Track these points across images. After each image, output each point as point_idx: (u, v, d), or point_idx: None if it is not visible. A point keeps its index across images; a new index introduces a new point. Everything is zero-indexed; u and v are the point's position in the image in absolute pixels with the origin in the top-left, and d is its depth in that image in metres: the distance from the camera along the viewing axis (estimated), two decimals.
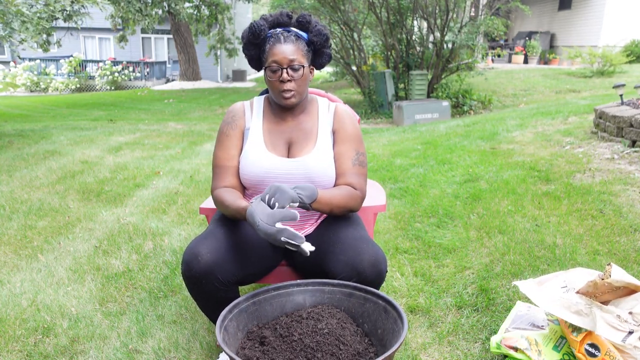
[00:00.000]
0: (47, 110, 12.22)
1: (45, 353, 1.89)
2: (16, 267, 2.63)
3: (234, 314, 1.36)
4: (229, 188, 1.65)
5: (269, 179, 1.64)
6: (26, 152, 5.30)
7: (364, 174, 1.69)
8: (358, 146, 1.71)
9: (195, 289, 1.51)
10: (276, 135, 1.69)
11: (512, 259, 2.43)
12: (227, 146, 1.69)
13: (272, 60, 1.59)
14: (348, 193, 1.61)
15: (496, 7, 10.01)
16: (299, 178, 1.64)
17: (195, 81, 19.17)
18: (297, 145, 1.69)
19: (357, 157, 1.69)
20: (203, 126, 7.77)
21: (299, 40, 1.62)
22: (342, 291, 1.45)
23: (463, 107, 9.35)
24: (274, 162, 1.64)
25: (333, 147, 1.70)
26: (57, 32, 8.65)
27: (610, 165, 3.66)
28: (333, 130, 1.71)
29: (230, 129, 1.70)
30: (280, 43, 1.59)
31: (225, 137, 1.70)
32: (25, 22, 5.97)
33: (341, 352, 1.27)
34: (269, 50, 1.60)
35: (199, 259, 1.46)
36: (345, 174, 1.66)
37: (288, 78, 1.59)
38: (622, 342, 1.44)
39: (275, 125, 1.71)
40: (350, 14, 9.91)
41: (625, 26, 13.61)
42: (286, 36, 1.61)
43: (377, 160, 4.72)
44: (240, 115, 1.72)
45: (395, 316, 1.32)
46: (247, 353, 1.27)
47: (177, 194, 3.83)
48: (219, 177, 1.68)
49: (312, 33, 1.65)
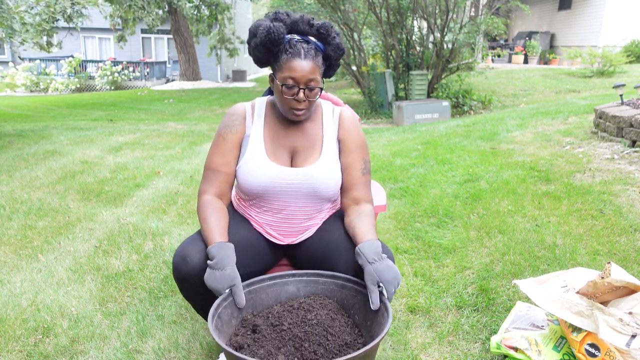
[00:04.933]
0: (47, 110, 12.22)
1: (45, 353, 1.89)
2: (16, 267, 2.63)
3: (229, 302, 1.39)
4: (216, 203, 1.57)
5: (271, 189, 1.58)
6: (26, 152, 5.30)
7: (369, 181, 1.66)
8: (365, 154, 1.66)
9: (185, 291, 1.50)
10: (278, 143, 1.62)
11: (512, 259, 2.43)
12: (223, 150, 1.61)
13: (289, 76, 1.48)
14: (372, 215, 1.58)
15: (496, 7, 10.01)
16: (304, 189, 1.59)
17: (195, 81, 19.18)
18: (301, 153, 1.62)
19: (365, 166, 1.64)
20: (203, 126, 7.77)
21: (317, 54, 1.52)
22: (336, 282, 1.48)
23: (463, 107, 9.35)
24: (276, 172, 1.58)
25: (339, 155, 1.65)
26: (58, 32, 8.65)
27: (610, 165, 3.65)
28: (339, 138, 1.65)
29: (228, 133, 1.62)
30: (300, 58, 1.48)
31: (222, 141, 1.62)
32: (25, 24, 6.00)
33: (328, 342, 1.30)
34: (285, 62, 1.48)
35: (187, 260, 1.44)
36: (355, 185, 1.62)
37: (304, 99, 1.51)
38: (627, 346, 1.43)
39: (278, 132, 1.63)
40: (350, 14, 9.91)
41: (625, 26, 13.61)
42: (306, 50, 1.49)
43: (377, 160, 4.72)
44: (241, 120, 1.63)
45: (382, 309, 1.35)
46: (239, 340, 1.31)
47: (177, 194, 3.83)
48: (209, 180, 1.61)
49: (330, 46, 1.54)
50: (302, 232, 1.69)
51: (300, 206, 1.63)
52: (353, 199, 1.62)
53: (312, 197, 1.61)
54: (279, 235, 1.68)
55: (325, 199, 1.64)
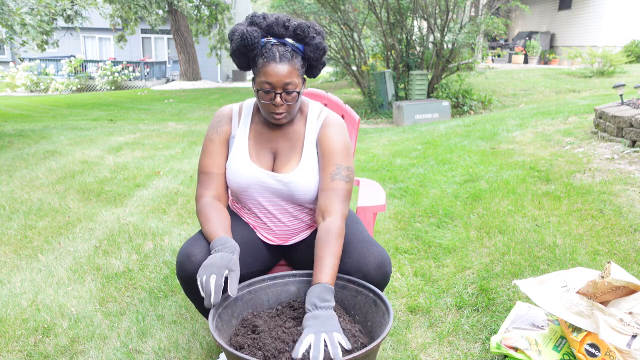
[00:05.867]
0: (47, 110, 12.22)
1: (45, 353, 1.89)
2: (16, 267, 2.63)
3: (229, 302, 1.39)
4: (215, 204, 1.56)
5: (252, 190, 1.61)
6: (26, 152, 5.30)
7: (343, 189, 1.53)
8: (340, 159, 1.57)
9: (189, 290, 1.50)
10: (262, 145, 1.63)
11: (512, 259, 2.43)
12: (212, 152, 1.63)
13: (265, 81, 1.46)
14: (337, 244, 1.43)
15: (496, 7, 10.01)
16: (282, 194, 1.61)
17: (195, 81, 19.18)
18: (282, 157, 1.62)
19: (337, 171, 1.55)
20: (203, 126, 7.77)
21: (295, 56, 1.48)
22: (336, 283, 1.48)
23: (463, 107, 9.35)
24: (257, 174, 1.59)
25: (318, 159, 1.62)
26: (57, 32, 8.66)
27: (610, 165, 3.65)
28: (317, 141, 1.62)
29: (215, 134, 1.64)
30: (275, 62, 1.45)
31: (209, 143, 1.64)
32: (26, 25, 6.00)
33: None
34: (261, 67, 1.46)
35: (192, 259, 1.44)
36: (323, 192, 1.54)
37: (281, 103, 1.49)
38: (627, 347, 1.43)
39: (262, 133, 1.64)
40: (350, 14, 9.91)
41: (625, 26, 13.61)
42: (282, 53, 1.46)
43: (377, 160, 4.72)
44: (227, 121, 1.65)
45: (383, 310, 1.35)
46: (239, 340, 1.32)
47: (177, 194, 3.83)
48: (204, 184, 1.62)
49: (309, 47, 1.51)
50: (294, 235, 1.70)
51: (282, 207, 1.65)
52: (320, 210, 1.53)
53: (290, 201, 1.63)
54: (269, 237, 1.70)
55: (305, 202, 1.64)
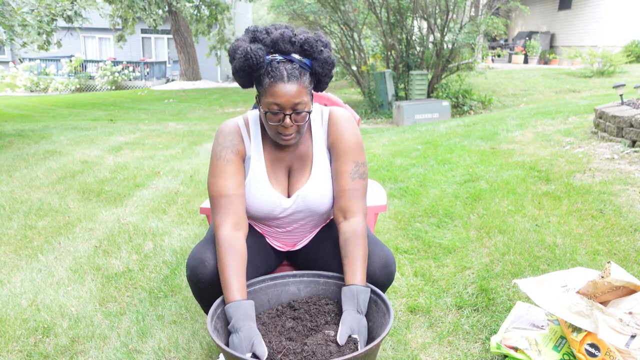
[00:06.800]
0: (47, 110, 12.22)
1: (45, 353, 1.89)
2: (16, 267, 2.63)
3: None
4: (235, 241, 1.42)
5: (272, 217, 1.57)
6: (26, 152, 5.30)
7: (363, 187, 1.52)
8: (356, 156, 1.53)
9: (200, 293, 1.49)
10: (277, 166, 1.55)
11: (512, 259, 2.43)
12: (230, 173, 1.48)
13: (273, 102, 1.37)
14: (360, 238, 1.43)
15: (496, 7, 10.01)
16: (301, 212, 1.57)
17: (195, 81, 19.18)
18: (295, 172, 1.56)
19: (357, 170, 1.52)
20: (203, 126, 7.78)
21: (303, 73, 1.39)
22: (336, 283, 1.48)
23: (463, 107, 9.35)
24: (275, 200, 1.54)
25: (330, 162, 1.56)
26: (57, 32, 8.65)
27: (610, 165, 3.65)
28: (329, 145, 1.55)
29: (230, 154, 1.50)
30: (283, 82, 1.35)
31: (225, 163, 1.49)
32: (26, 26, 6.01)
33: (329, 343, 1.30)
34: (268, 87, 1.37)
35: (206, 265, 1.43)
36: (343, 193, 1.50)
37: (291, 124, 1.40)
38: (626, 346, 1.43)
39: (275, 152, 1.55)
40: (350, 14, 9.91)
41: (625, 26, 13.61)
42: (290, 71, 1.36)
43: (377, 160, 4.72)
44: (239, 140, 1.52)
45: (384, 310, 1.35)
46: None
47: (177, 194, 3.83)
48: (222, 210, 1.46)
49: (317, 61, 1.42)
50: (301, 239, 1.71)
51: (301, 224, 1.64)
52: (341, 210, 1.50)
53: (310, 216, 1.61)
54: (279, 244, 1.71)
55: (322, 212, 1.61)
